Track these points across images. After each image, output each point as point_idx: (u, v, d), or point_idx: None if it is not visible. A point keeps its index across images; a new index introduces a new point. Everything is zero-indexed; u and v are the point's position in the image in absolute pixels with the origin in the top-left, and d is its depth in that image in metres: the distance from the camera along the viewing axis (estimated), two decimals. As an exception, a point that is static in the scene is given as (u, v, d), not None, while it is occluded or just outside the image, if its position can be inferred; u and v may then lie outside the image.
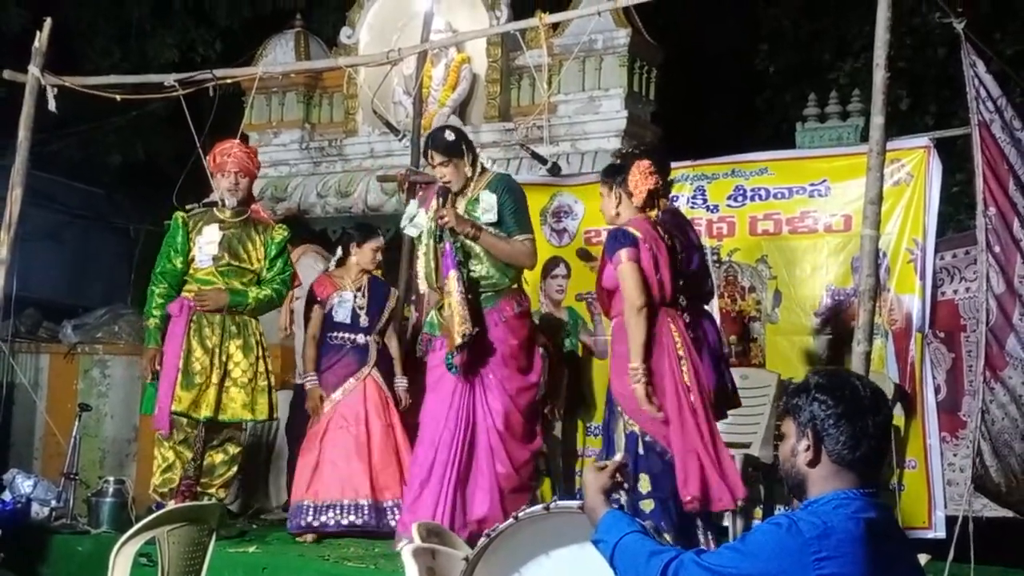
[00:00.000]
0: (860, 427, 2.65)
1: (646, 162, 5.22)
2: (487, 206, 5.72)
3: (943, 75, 10.87)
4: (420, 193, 6.24)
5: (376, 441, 6.47)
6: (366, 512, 6.34)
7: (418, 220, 5.91)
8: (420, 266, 5.87)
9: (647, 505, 4.96)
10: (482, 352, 5.68)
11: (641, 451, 4.99)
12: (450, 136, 5.81)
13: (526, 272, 7.38)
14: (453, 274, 5.56)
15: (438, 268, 5.71)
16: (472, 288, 5.66)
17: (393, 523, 6.23)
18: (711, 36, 12.78)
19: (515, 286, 5.87)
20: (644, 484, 4.97)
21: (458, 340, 5.49)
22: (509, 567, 3.18)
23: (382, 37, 9.32)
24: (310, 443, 6.58)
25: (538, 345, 6.81)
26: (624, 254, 5.03)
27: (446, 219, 5.61)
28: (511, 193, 5.82)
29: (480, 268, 5.73)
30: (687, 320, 5.16)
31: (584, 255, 6.36)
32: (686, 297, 5.21)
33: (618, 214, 5.25)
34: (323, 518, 6.33)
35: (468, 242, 5.67)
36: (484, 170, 5.92)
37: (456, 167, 5.77)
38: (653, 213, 5.24)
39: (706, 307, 5.46)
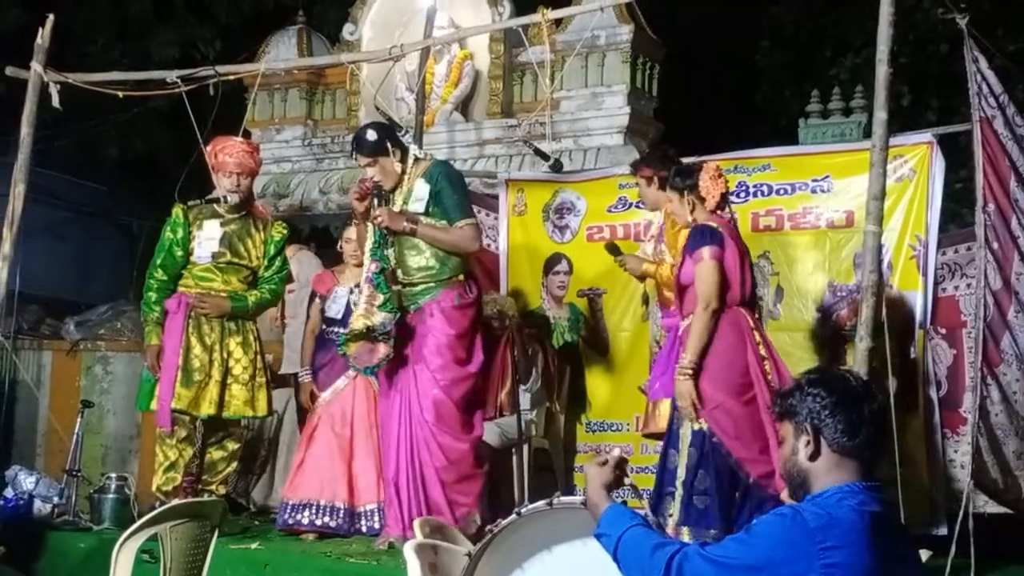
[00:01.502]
0: (856, 414, 2.67)
1: (713, 165, 5.38)
2: (418, 195, 5.74)
3: (945, 71, 10.86)
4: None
5: (359, 444, 6.41)
6: (340, 516, 6.31)
7: None
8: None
9: (702, 501, 5.01)
10: (418, 343, 5.73)
11: (707, 449, 5.05)
12: (372, 136, 5.77)
13: (528, 269, 7.45)
14: (367, 266, 5.74)
15: (401, 255, 5.80)
16: (402, 283, 5.76)
17: (366, 528, 6.24)
18: (713, 32, 12.78)
19: (459, 277, 5.84)
20: (702, 481, 5.04)
21: (357, 324, 5.61)
22: (512, 563, 3.19)
23: (385, 33, 9.33)
24: (302, 440, 6.60)
25: (535, 341, 6.88)
26: (708, 251, 5.10)
27: (380, 219, 5.65)
28: (447, 179, 5.80)
29: (419, 259, 5.76)
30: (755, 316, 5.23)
31: (613, 249, 6.33)
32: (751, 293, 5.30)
33: (695, 220, 5.30)
34: (299, 516, 6.30)
35: (406, 237, 5.72)
36: (420, 160, 5.90)
37: (383, 166, 5.76)
38: (727, 214, 5.36)
39: None
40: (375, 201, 5.71)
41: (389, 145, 5.77)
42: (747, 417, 5.05)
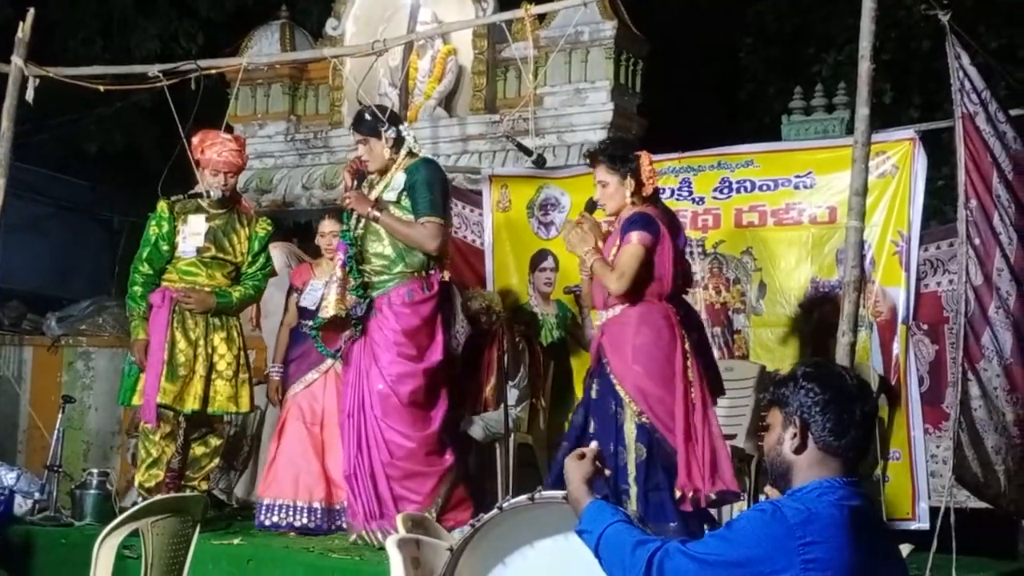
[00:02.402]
0: (847, 414, 2.66)
1: (648, 155, 5.28)
2: (395, 185, 5.77)
3: (928, 68, 10.89)
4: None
5: (330, 440, 6.40)
6: (318, 516, 6.28)
7: None
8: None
9: (657, 496, 5.00)
10: (370, 337, 5.74)
11: (653, 444, 5.01)
12: (367, 115, 5.84)
13: (514, 265, 7.45)
14: (339, 257, 5.81)
15: (364, 246, 5.83)
16: (365, 273, 5.77)
17: (345, 525, 6.21)
18: (696, 29, 12.79)
19: (420, 272, 5.80)
20: (653, 476, 5.01)
21: (328, 311, 5.68)
22: (494, 557, 3.18)
23: (368, 29, 9.31)
24: (274, 435, 6.58)
25: (518, 338, 6.88)
26: (639, 236, 5.02)
27: (348, 200, 5.73)
28: (424, 175, 5.77)
29: (378, 247, 5.77)
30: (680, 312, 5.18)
31: (592, 205, 6.19)
32: (678, 288, 5.24)
33: (632, 203, 5.23)
34: (275, 518, 6.28)
35: (371, 223, 5.75)
36: (413, 155, 5.90)
37: (372, 147, 5.79)
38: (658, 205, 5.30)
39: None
40: (347, 182, 5.83)
41: (383, 130, 5.78)
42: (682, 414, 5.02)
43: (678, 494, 4.92)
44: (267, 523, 6.29)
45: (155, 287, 6.38)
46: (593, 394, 5.20)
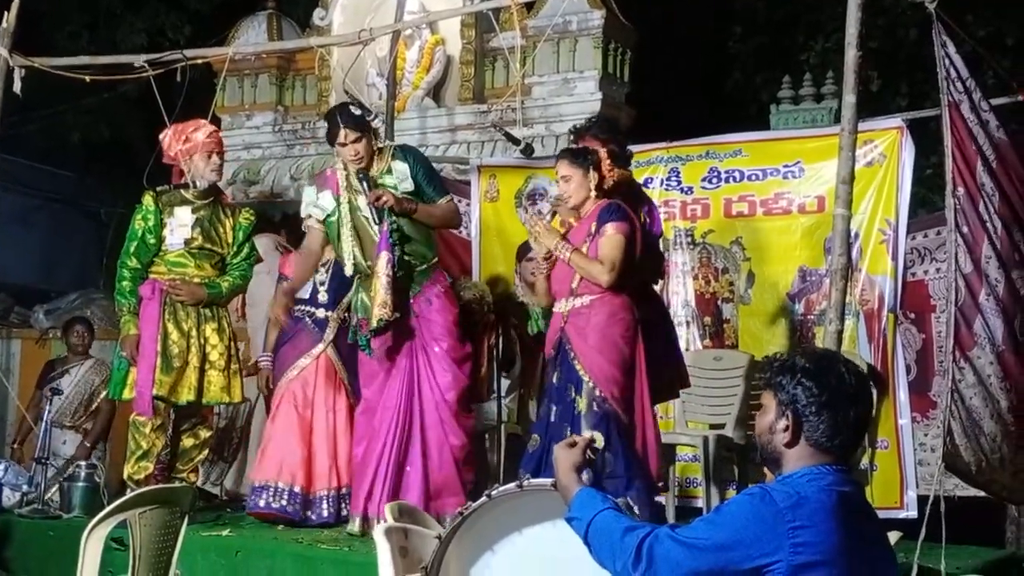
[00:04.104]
0: (841, 417, 2.66)
1: (610, 148, 5.29)
2: (401, 175, 5.72)
3: (915, 57, 10.90)
4: (315, 175, 6.21)
5: (317, 427, 6.36)
6: (297, 501, 6.22)
7: (322, 203, 5.85)
8: (344, 250, 5.75)
9: (612, 485, 4.99)
10: (422, 328, 5.73)
11: (611, 431, 5.00)
12: (357, 111, 5.76)
13: (501, 255, 7.46)
14: (385, 255, 5.53)
15: (365, 250, 5.71)
16: (406, 270, 5.68)
17: (315, 517, 6.18)
18: (685, 18, 12.78)
19: (438, 261, 5.94)
20: (611, 463, 4.98)
21: (374, 323, 5.54)
22: (482, 545, 3.19)
23: (355, 19, 9.28)
24: (268, 419, 6.56)
25: (510, 328, 6.88)
26: (616, 227, 5.06)
27: (385, 199, 5.55)
28: (420, 158, 5.90)
29: (414, 247, 5.73)
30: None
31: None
32: (644, 278, 5.27)
33: (595, 197, 5.24)
34: (259, 500, 6.25)
35: (402, 222, 5.65)
36: (384, 146, 5.93)
37: (368, 142, 5.71)
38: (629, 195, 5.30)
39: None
40: (364, 185, 5.64)
41: (370, 120, 5.81)
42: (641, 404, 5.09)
43: None
44: (260, 504, 6.24)
45: (143, 280, 6.36)
46: (555, 380, 5.23)
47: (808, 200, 6.67)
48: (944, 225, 5.55)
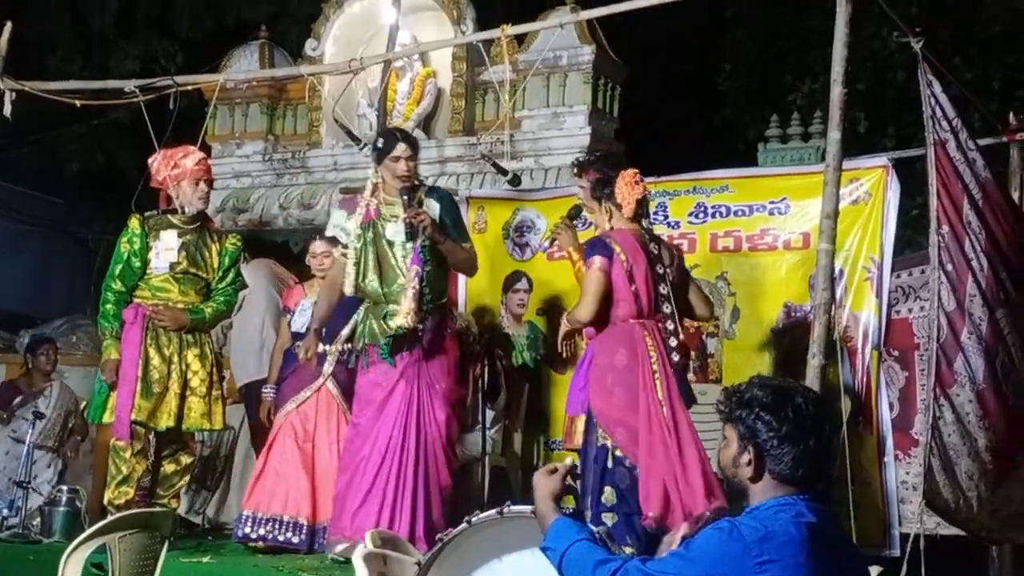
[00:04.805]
0: (803, 448, 2.67)
1: (631, 172, 5.33)
2: (432, 214, 5.78)
3: (903, 98, 11.00)
4: (343, 199, 6.27)
5: (320, 460, 6.37)
6: (304, 532, 6.24)
7: (349, 226, 5.92)
8: (360, 273, 5.82)
9: (609, 518, 4.99)
10: (426, 362, 5.78)
11: (610, 464, 5.04)
12: (414, 135, 5.97)
13: (487, 285, 7.47)
14: (415, 269, 5.64)
15: (383, 276, 5.75)
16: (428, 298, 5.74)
17: (318, 547, 6.18)
18: (675, 55, 12.88)
19: (447, 302, 6.04)
20: (609, 496, 5.01)
21: (400, 321, 5.60)
22: (462, 572, 3.19)
23: (347, 50, 9.32)
24: (263, 451, 6.55)
25: (496, 359, 6.90)
26: (594, 261, 5.11)
27: (423, 217, 5.64)
28: (451, 202, 6.01)
29: (431, 281, 5.78)
30: (667, 332, 5.19)
31: (575, 212, 6.19)
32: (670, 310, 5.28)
33: (612, 228, 5.29)
34: (261, 531, 6.22)
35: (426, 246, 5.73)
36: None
37: (416, 164, 5.90)
38: (643, 223, 5.37)
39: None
40: (404, 199, 5.74)
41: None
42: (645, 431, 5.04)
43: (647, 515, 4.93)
44: (253, 535, 6.22)
45: (127, 304, 6.35)
46: None
47: (794, 236, 6.70)
48: (928, 263, 5.57)
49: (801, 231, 6.67)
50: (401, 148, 5.79)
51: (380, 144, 5.92)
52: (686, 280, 5.55)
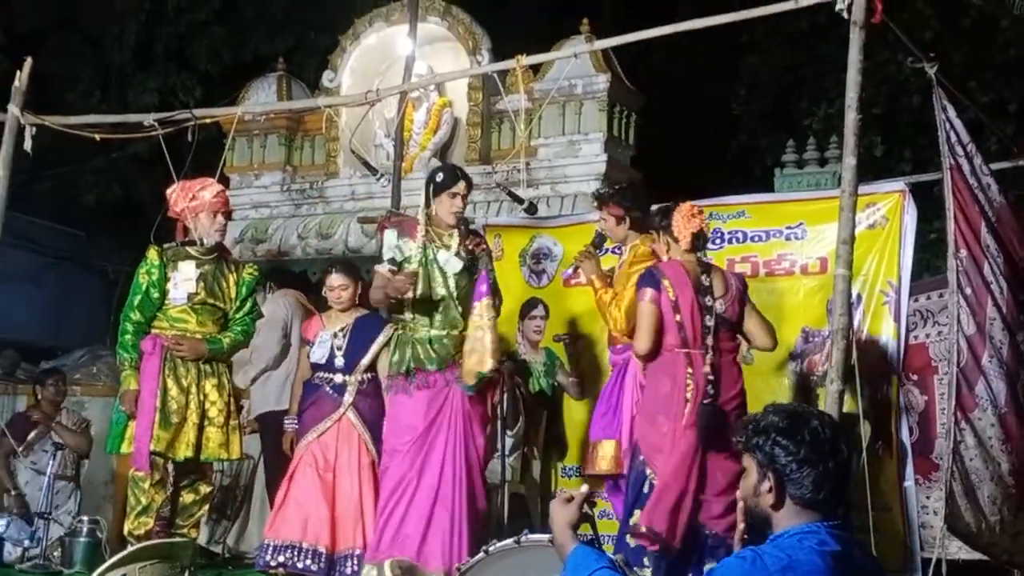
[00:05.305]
0: (821, 471, 2.67)
1: (688, 205, 5.43)
2: (467, 257, 5.88)
3: (919, 122, 10.98)
4: (394, 221, 6.27)
5: (341, 489, 6.37)
6: (323, 561, 6.24)
7: (404, 247, 5.94)
8: (419, 289, 5.85)
9: (632, 540, 5.03)
10: (471, 397, 5.80)
11: (645, 490, 5.12)
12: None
13: (504, 312, 7.47)
14: (487, 301, 5.67)
15: (446, 298, 5.83)
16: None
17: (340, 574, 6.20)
18: (691, 81, 12.91)
19: None
20: (636, 520, 5.08)
21: (491, 364, 5.61)
22: (479, 601, 3.18)
23: (364, 81, 9.39)
24: (284, 480, 6.55)
25: (515, 386, 6.89)
26: (645, 293, 5.25)
27: (484, 246, 5.98)
28: (487, 246, 6.12)
29: (455, 313, 5.84)
30: (713, 363, 5.21)
31: (599, 241, 6.25)
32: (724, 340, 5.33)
33: (670, 259, 5.40)
34: (281, 558, 6.22)
35: (463, 284, 5.83)
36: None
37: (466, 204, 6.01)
38: (698, 255, 5.45)
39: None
40: (463, 228, 5.89)
41: None
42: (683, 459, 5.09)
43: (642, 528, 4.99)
44: (272, 563, 6.23)
45: (146, 335, 6.37)
46: None
47: (811, 261, 6.70)
48: (946, 287, 5.56)
49: (818, 256, 6.66)
50: (461, 186, 5.90)
51: (439, 178, 5.97)
52: (743, 309, 5.54)
